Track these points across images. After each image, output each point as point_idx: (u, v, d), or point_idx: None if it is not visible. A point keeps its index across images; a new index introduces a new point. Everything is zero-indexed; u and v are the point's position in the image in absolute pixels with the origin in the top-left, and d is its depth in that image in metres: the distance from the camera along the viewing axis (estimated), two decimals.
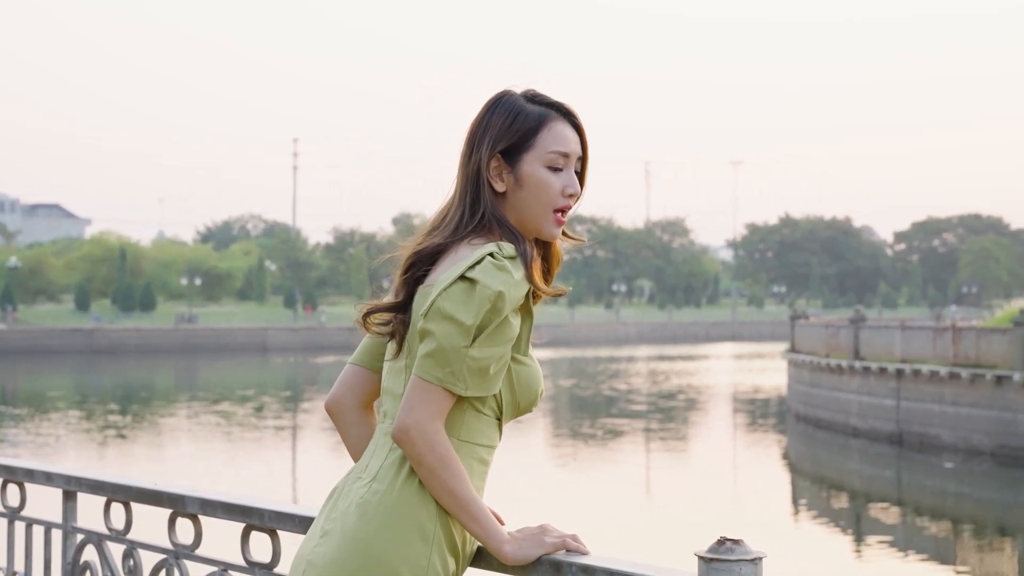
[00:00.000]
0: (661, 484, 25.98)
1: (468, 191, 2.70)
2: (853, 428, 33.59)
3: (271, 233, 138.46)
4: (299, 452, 30.88)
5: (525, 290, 2.58)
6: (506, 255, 2.58)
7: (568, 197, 2.70)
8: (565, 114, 2.74)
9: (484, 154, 2.69)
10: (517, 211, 2.69)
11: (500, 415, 2.67)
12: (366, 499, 2.59)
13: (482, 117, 2.73)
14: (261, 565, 3.23)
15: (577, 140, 2.74)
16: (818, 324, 39.95)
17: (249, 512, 3.19)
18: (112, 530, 3.68)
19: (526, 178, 2.68)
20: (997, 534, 21.60)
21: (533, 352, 2.72)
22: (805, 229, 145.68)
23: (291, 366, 69.38)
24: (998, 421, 28.59)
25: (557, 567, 2.54)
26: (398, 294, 2.73)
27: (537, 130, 2.69)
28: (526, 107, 2.72)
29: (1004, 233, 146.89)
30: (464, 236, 2.67)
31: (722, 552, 2.27)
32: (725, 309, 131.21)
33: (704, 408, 43.14)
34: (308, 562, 2.60)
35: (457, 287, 2.54)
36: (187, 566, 3.48)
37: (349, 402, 2.86)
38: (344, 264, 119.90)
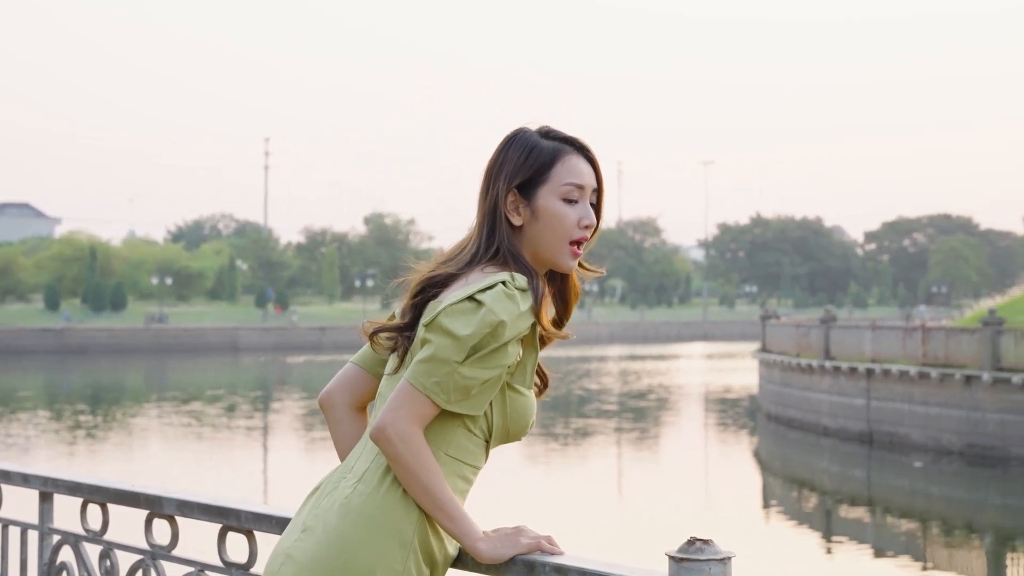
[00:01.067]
0: (632, 484, 26.06)
1: (485, 225, 2.78)
2: (824, 427, 33.76)
3: (242, 232, 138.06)
4: (270, 452, 30.84)
5: (529, 323, 2.65)
6: (518, 286, 2.64)
7: (584, 229, 2.77)
8: (579, 148, 2.81)
9: (501, 189, 2.77)
10: (534, 244, 2.77)
11: (489, 438, 2.74)
12: (350, 499, 2.64)
13: (498, 154, 2.81)
14: (238, 565, 3.26)
15: (592, 173, 2.81)
16: (789, 324, 40.12)
17: (226, 513, 3.22)
18: (89, 531, 3.70)
19: (542, 211, 2.75)
20: (966, 532, 21.75)
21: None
22: (776, 229, 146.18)
23: (262, 366, 69.26)
24: (967, 421, 28.78)
25: (531, 567, 2.59)
26: (405, 315, 2.79)
27: (552, 164, 2.76)
28: (540, 142, 2.79)
29: (973, 233, 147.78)
30: (478, 266, 2.74)
31: (692, 552, 2.32)
32: (697, 309, 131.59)
33: (675, 408, 43.26)
34: (287, 555, 2.65)
35: (464, 305, 2.61)
36: (164, 567, 3.50)
37: (341, 399, 2.92)
38: (316, 264, 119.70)
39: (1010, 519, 23.22)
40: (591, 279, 2.90)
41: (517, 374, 2.71)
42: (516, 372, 2.71)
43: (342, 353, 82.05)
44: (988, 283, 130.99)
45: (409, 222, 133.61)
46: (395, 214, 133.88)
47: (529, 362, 2.73)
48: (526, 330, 2.64)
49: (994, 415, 28.10)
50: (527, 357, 2.72)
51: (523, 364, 2.72)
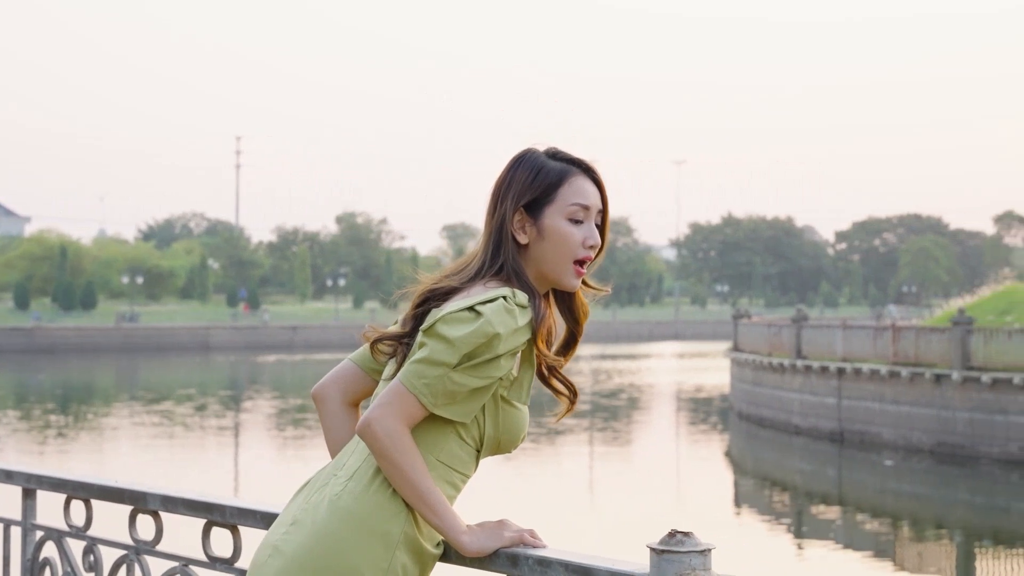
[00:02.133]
0: (604, 483, 26.12)
1: (491, 242, 2.84)
2: (795, 426, 33.91)
3: (214, 231, 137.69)
4: (241, 452, 30.77)
5: (524, 339, 2.71)
6: (518, 302, 2.70)
7: (588, 248, 2.83)
8: (585, 170, 2.87)
9: (508, 208, 2.83)
10: (539, 262, 2.83)
11: (480, 448, 2.80)
12: (340, 496, 2.69)
13: (506, 173, 2.87)
14: (222, 560, 3.30)
15: (597, 194, 2.87)
16: (761, 323, 40.28)
17: (211, 508, 3.26)
18: (72, 527, 3.73)
19: (548, 230, 2.81)
20: (935, 530, 21.89)
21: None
22: (748, 229, 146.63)
23: (233, 365, 69.07)
24: (937, 419, 28.97)
25: (514, 560, 2.63)
26: (406, 324, 2.85)
27: (559, 184, 2.83)
28: (548, 163, 2.85)
29: (943, 233, 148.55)
30: (481, 281, 2.80)
31: (673, 544, 2.36)
32: (668, 308, 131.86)
33: (647, 407, 43.36)
34: (274, 548, 2.70)
35: (463, 315, 2.67)
36: (148, 562, 3.53)
37: (334, 393, 2.98)
38: (287, 263, 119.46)
39: (979, 517, 23.38)
40: (596, 297, 2.95)
41: (514, 389, 2.78)
42: (513, 387, 2.78)
43: (313, 352, 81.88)
44: (958, 283, 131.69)
45: (381, 221, 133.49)
46: (367, 213, 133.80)
47: (526, 378, 2.80)
48: (521, 345, 2.70)
49: (964, 414, 28.29)
50: (524, 373, 2.79)
51: (520, 380, 2.79)
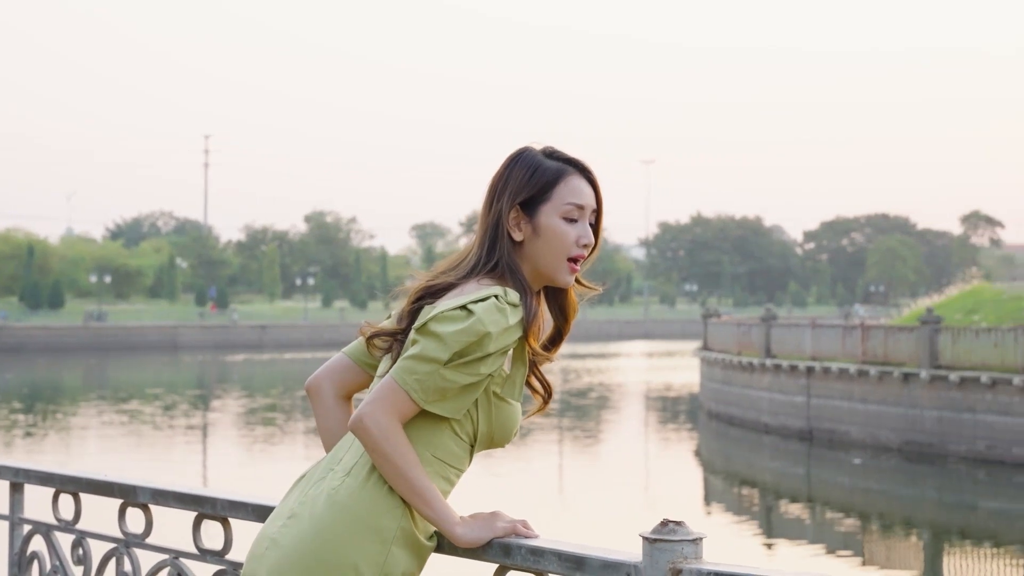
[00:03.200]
0: (573, 481, 26.15)
1: (487, 239, 2.87)
2: (764, 425, 34.04)
3: (182, 230, 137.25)
4: (209, 451, 30.67)
5: (515, 337, 2.74)
6: (509, 301, 2.73)
7: (582, 247, 2.88)
8: (581, 170, 2.92)
9: (504, 205, 2.86)
10: (533, 259, 2.86)
11: (474, 443, 2.83)
12: (338, 491, 2.73)
13: (503, 171, 2.90)
14: (213, 553, 3.31)
15: (592, 194, 2.92)
16: (730, 322, 40.42)
17: (202, 501, 3.27)
18: (61, 520, 3.74)
19: (543, 228, 2.85)
20: (903, 527, 22.02)
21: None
22: (716, 228, 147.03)
23: (202, 365, 68.83)
24: (905, 418, 29.13)
25: (507, 550, 2.67)
26: (401, 320, 2.88)
27: (555, 183, 2.86)
28: (544, 162, 2.89)
29: (911, 233, 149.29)
30: (476, 278, 2.83)
31: (665, 533, 2.40)
32: (638, 307, 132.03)
33: (616, 406, 43.42)
34: (272, 540, 2.73)
35: (455, 313, 2.70)
36: (138, 555, 3.54)
37: (327, 386, 3.00)
38: (256, 262, 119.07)
39: (947, 514, 23.52)
40: (589, 296, 2.99)
41: (507, 386, 2.82)
42: (505, 384, 2.81)
43: (283, 351, 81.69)
44: (925, 282, 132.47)
45: (350, 220, 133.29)
46: (336, 212, 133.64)
47: (518, 375, 2.84)
48: (512, 343, 2.74)
49: (931, 412, 28.46)
50: (517, 370, 2.83)
51: (512, 377, 2.82)
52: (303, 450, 29.44)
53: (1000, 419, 26.99)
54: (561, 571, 2.56)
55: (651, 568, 2.40)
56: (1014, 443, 26.64)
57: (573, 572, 2.52)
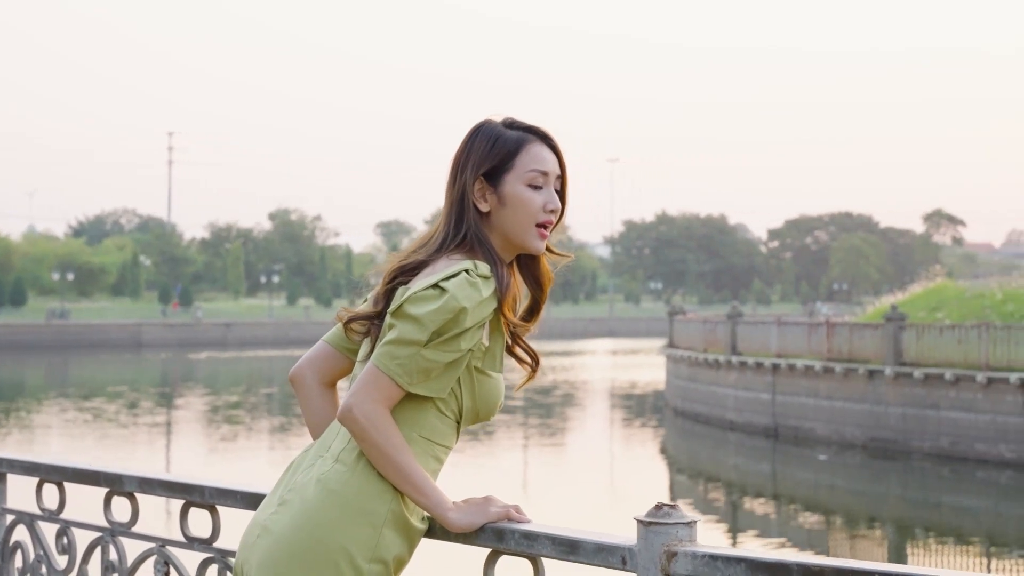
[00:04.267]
0: (538, 479, 26.16)
1: (454, 213, 2.88)
2: (730, 422, 34.14)
3: (145, 228, 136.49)
4: (173, 449, 30.51)
5: (491, 309, 2.76)
6: (480, 273, 2.75)
7: (549, 213, 2.89)
8: (542, 137, 2.93)
9: (468, 177, 2.87)
10: (502, 228, 2.87)
11: (460, 419, 2.85)
12: (327, 476, 2.74)
13: (465, 144, 2.92)
14: (201, 540, 3.31)
15: (555, 160, 2.93)
16: (696, 320, 40.49)
17: (189, 489, 3.27)
18: (45, 510, 3.72)
19: (508, 197, 2.86)
20: (868, 523, 22.14)
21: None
22: (681, 226, 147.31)
23: (165, 362, 68.50)
24: (870, 414, 29.29)
25: (500, 534, 2.68)
26: (377, 302, 2.88)
27: (516, 152, 2.88)
28: (505, 132, 2.91)
29: (874, 231, 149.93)
30: (446, 253, 2.84)
31: (660, 516, 2.42)
32: (603, 305, 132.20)
33: (582, 403, 43.46)
34: (263, 527, 2.75)
35: (428, 292, 2.72)
36: (124, 543, 3.53)
37: (310, 375, 3.01)
38: (221, 259, 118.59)
39: (911, 510, 23.66)
40: (561, 263, 2.99)
41: (487, 358, 2.83)
42: (485, 357, 2.82)
43: (247, 349, 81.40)
44: (888, 280, 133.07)
45: (315, 218, 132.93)
46: (301, 210, 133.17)
47: (497, 347, 2.84)
48: (489, 316, 2.75)
49: (896, 409, 28.63)
50: (495, 342, 2.84)
51: (491, 349, 2.83)
52: (267, 453, 29.31)
53: (964, 415, 27.17)
54: (555, 555, 2.57)
55: (646, 551, 2.42)
56: (977, 439, 26.83)
57: (567, 556, 2.54)
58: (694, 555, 2.39)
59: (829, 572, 2.15)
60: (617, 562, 2.48)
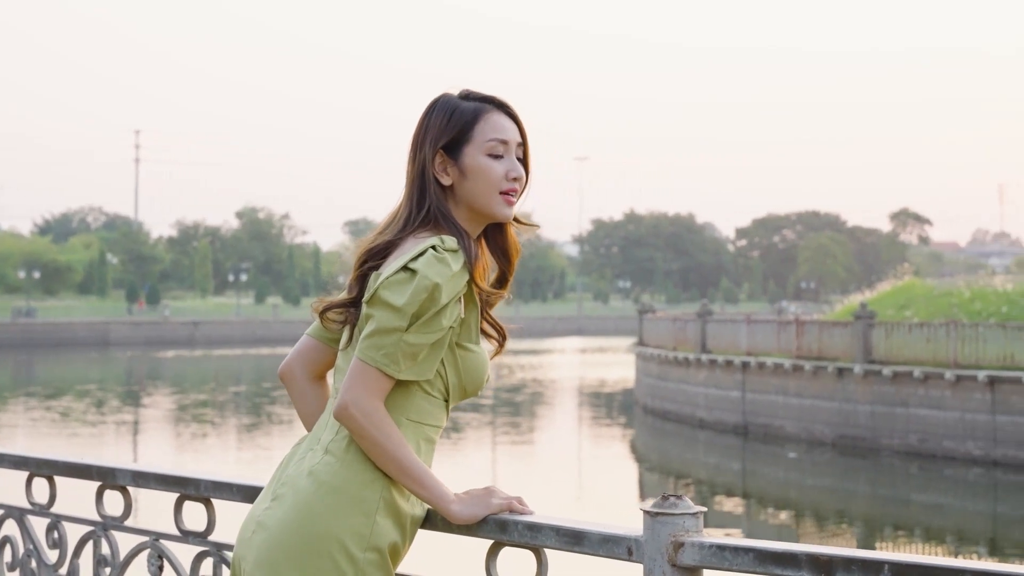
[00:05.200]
0: (506, 477, 26.14)
1: (415, 189, 2.85)
2: (700, 420, 34.21)
3: (112, 226, 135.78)
4: (141, 448, 30.36)
5: (463, 281, 2.73)
6: (447, 248, 2.72)
7: (512, 181, 2.86)
8: (499, 105, 2.90)
9: (428, 152, 2.85)
10: (467, 200, 2.85)
11: (447, 397, 2.83)
12: (317, 468, 2.73)
13: (422, 120, 2.89)
14: (196, 534, 3.28)
15: (515, 128, 2.90)
16: (666, 318, 40.53)
17: (184, 483, 3.24)
18: (35, 504, 3.69)
19: (469, 169, 2.84)
20: (837, 521, 22.22)
21: (482, 341, 2.89)
22: (649, 225, 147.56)
23: (133, 361, 68.18)
24: (839, 412, 29.41)
25: (503, 526, 2.67)
26: (351, 289, 2.86)
27: (474, 122, 2.85)
28: (461, 104, 2.88)
29: (841, 230, 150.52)
30: (412, 231, 2.81)
31: (667, 506, 2.41)
32: (571, 304, 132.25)
33: (551, 402, 43.47)
34: (258, 523, 2.74)
35: (398, 276, 2.69)
36: (116, 537, 3.50)
37: (299, 370, 3.00)
38: (188, 258, 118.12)
39: (880, 507, 23.78)
40: (528, 233, 2.97)
41: (463, 332, 2.81)
42: (462, 330, 2.80)
43: (215, 348, 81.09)
44: (855, 279, 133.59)
45: (283, 216, 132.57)
46: (269, 208, 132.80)
47: (472, 319, 2.82)
48: (463, 289, 2.73)
49: (865, 406, 28.76)
50: (470, 314, 2.81)
51: (467, 322, 2.81)
52: (235, 452, 29.21)
53: (932, 413, 27.32)
54: (559, 546, 2.56)
55: (652, 541, 2.41)
56: (946, 436, 26.98)
57: (571, 547, 2.53)
58: (701, 545, 2.38)
59: (837, 561, 2.16)
60: (623, 553, 2.46)
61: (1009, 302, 31.62)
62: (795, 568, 2.25)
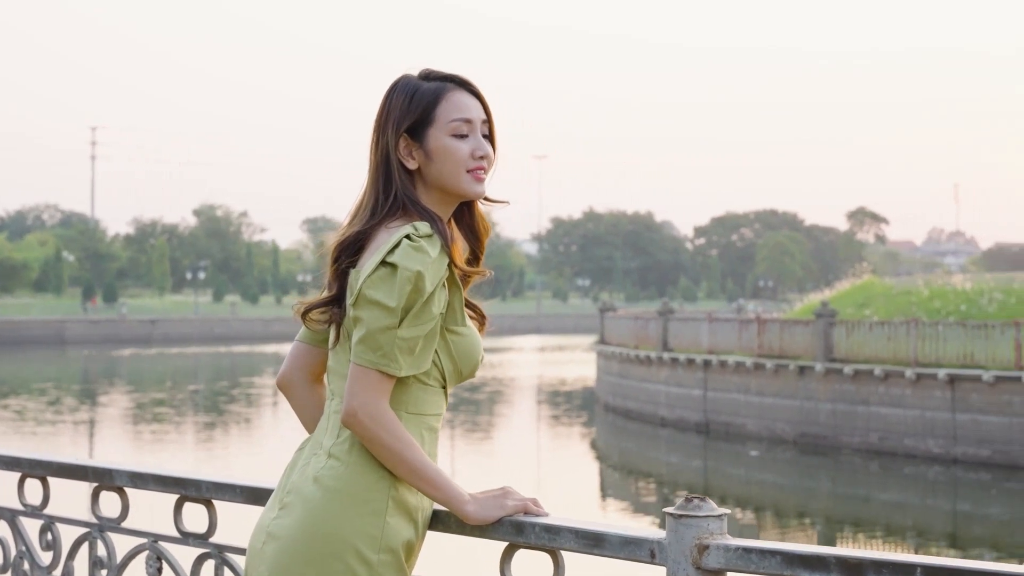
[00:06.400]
0: (464, 477, 26.02)
1: (380, 175, 2.79)
2: (661, 418, 34.27)
3: (68, 223, 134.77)
4: (96, 447, 30.13)
5: (444, 265, 2.68)
6: (421, 234, 2.66)
7: (479, 159, 2.80)
8: (461, 84, 2.84)
9: (391, 137, 2.79)
10: (435, 182, 2.79)
11: (444, 384, 2.78)
12: (323, 474, 2.69)
13: (383, 104, 2.83)
14: (196, 535, 3.22)
15: (478, 106, 2.84)
16: (627, 317, 40.60)
17: (184, 484, 3.18)
18: (27, 505, 3.62)
19: (434, 151, 2.78)
20: (798, 518, 22.32)
21: (470, 323, 2.84)
22: (608, 223, 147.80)
23: (89, 359, 67.72)
24: (800, 410, 29.53)
25: (519, 528, 2.62)
26: (331, 287, 2.80)
27: (436, 103, 2.79)
28: (422, 85, 2.82)
29: (799, 229, 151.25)
30: (382, 219, 2.75)
31: (691, 509, 2.37)
32: (530, 302, 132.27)
33: (510, 400, 43.44)
34: (268, 533, 2.69)
35: (379, 273, 2.64)
36: (113, 539, 3.44)
37: (298, 377, 2.95)
38: (145, 256, 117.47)
39: (840, 505, 23.90)
40: (496, 208, 2.93)
41: (449, 316, 2.76)
42: (448, 314, 2.75)
43: (172, 346, 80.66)
44: (812, 277, 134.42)
45: (241, 214, 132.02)
46: (227, 206, 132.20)
47: (456, 301, 2.77)
48: (445, 273, 2.69)
49: (826, 405, 28.89)
50: (453, 297, 2.76)
51: (451, 305, 2.76)
52: (193, 451, 29.01)
53: (893, 411, 27.48)
54: (578, 548, 2.52)
55: (676, 544, 2.37)
56: (906, 435, 27.14)
57: (591, 549, 2.49)
58: (727, 548, 2.34)
59: (868, 564, 2.13)
60: (645, 555, 2.42)
61: (968, 301, 31.84)
62: (824, 571, 2.21)
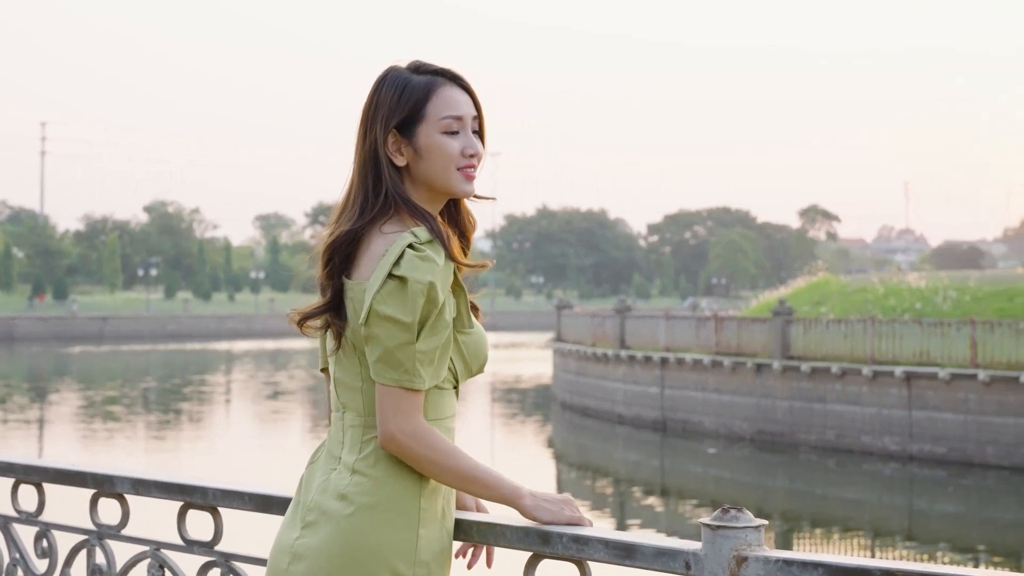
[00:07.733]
0: None
1: (368, 171, 2.71)
2: (618, 415, 34.29)
3: (17, 219, 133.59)
4: (46, 446, 29.80)
5: (451, 271, 2.63)
6: (423, 241, 2.60)
7: (469, 157, 2.73)
8: (452, 78, 2.77)
9: (379, 132, 2.71)
10: (425, 180, 2.72)
11: (456, 383, 2.74)
12: (350, 490, 2.61)
13: (372, 96, 2.75)
14: (201, 543, 3.14)
15: (469, 102, 2.77)
16: (584, 314, 40.56)
17: (189, 490, 3.10)
18: (22, 512, 3.53)
19: (424, 148, 2.71)
20: (755, 515, 22.29)
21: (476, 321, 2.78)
22: (562, 221, 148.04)
23: (38, 356, 67.13)
24: (757, 408, 29.62)
25: (546, 537, 2.56)
26: (324, 291, 2.71)
27: (426, 99, 2.72)
28: (412, 78, 2.74)
29: (751, 226, 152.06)
30: (372, 219, 2.68)
31: (728, 520, 2.32)
32: (484, 299, 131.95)
33: (464, 398, 43.30)
34: (294, 554, 2.61)
35: (389, 287, 2.56)
36: (112, 547, 3.35)
37: None
38: (96, 252, 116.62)
39: (797, 502, 23.98)
40: (484, 204, 2.85)
41: (457, 321, 2.70)
42: (456, 319, 2.70)
43: (124, 343, 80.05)
44: (765, 275, 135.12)
45: (193, 211, 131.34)
46: (178, 203, 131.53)
47: (460, 302, 2.71)
48: (452, 277, 2.64)
49: (783, 402, 28.99)
50: (458, 297, 2.71)
51: (458, 307, 2.71)
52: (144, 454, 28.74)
53: (849, 409, 27.61)
54: (608, 560, 2.45)
55: (713, 556, 2.31)
56: (863, 432, 27.28)
57: (621, 560, 2.42)
58: (766, 560, 2.28)
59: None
60: (680, 567, 2.37)
61: (922, 298, 32.01)
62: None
